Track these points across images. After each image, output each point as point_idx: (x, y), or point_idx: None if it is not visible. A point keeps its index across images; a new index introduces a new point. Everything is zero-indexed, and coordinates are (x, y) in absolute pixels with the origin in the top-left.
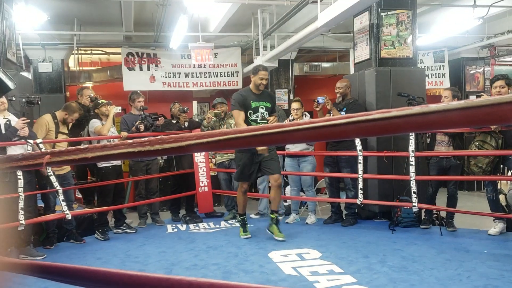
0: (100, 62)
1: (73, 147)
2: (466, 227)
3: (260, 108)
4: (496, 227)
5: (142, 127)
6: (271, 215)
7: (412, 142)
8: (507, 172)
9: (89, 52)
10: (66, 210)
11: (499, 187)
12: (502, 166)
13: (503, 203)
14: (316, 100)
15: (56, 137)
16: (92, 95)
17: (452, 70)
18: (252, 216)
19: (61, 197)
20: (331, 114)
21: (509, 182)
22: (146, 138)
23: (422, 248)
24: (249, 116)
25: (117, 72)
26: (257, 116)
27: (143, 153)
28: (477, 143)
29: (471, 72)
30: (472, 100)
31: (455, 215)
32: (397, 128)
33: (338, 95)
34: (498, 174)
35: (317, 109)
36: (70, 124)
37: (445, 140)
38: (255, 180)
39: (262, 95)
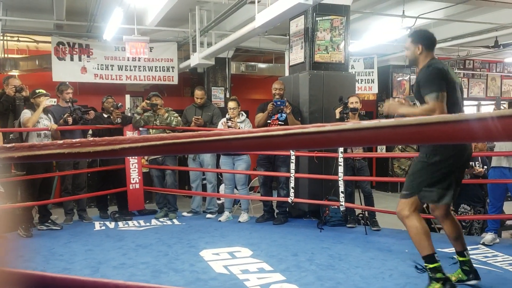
0: (28, 50)
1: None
2: (390, 226)
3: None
4: None
5: (70, 120)
6: (460, 258)
7: None
8: None
9: (16, 39)
10: None
11: None
12: None
13: (424, 204)
14: (273, 103)
15: None
16: (20, 84)
17: (381, 77)
18: (185, 214)
19: None
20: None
21: None
22: (78, 140)
23: (348, 247)
24: (456, 96)
25: (46, 62)
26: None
27: (73, 155)
28: (400, 146)
29: (398, 79)
30: (402, 119)
31: (380, 215)
32: (331, 142)
33: (277, 96)
34: None
35: (270, 112)
36: None
37: None
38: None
39: None
